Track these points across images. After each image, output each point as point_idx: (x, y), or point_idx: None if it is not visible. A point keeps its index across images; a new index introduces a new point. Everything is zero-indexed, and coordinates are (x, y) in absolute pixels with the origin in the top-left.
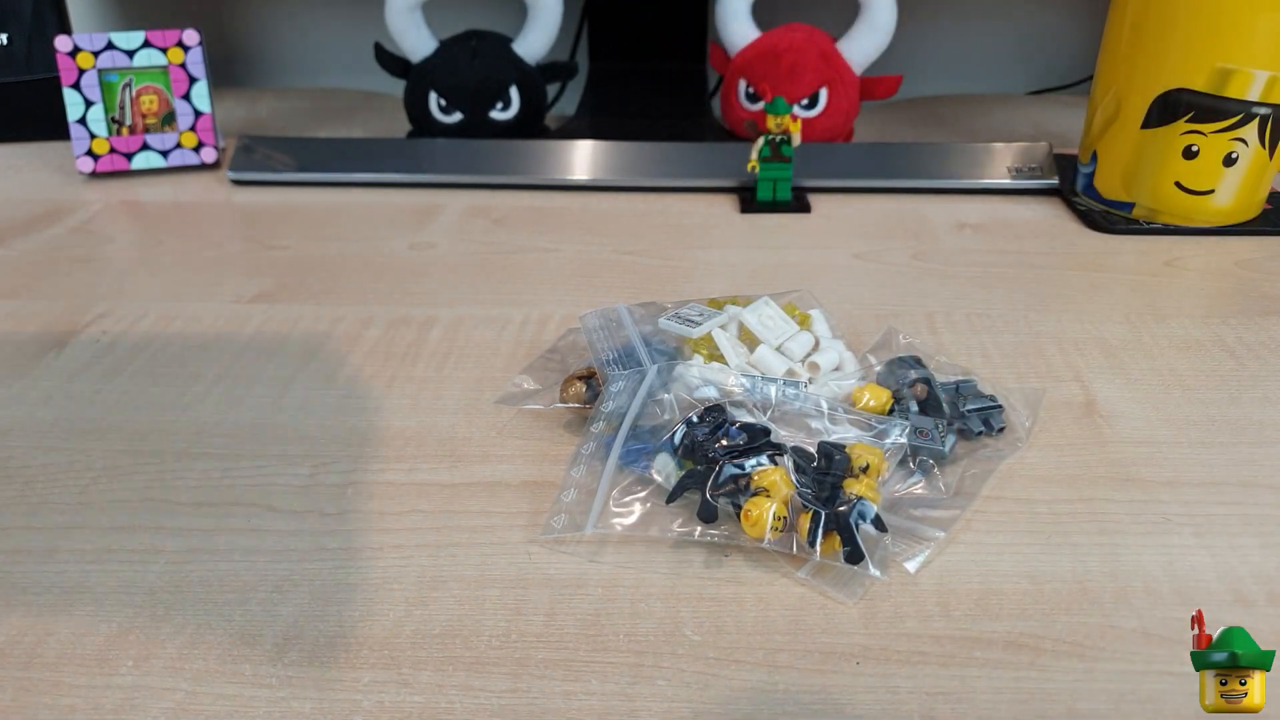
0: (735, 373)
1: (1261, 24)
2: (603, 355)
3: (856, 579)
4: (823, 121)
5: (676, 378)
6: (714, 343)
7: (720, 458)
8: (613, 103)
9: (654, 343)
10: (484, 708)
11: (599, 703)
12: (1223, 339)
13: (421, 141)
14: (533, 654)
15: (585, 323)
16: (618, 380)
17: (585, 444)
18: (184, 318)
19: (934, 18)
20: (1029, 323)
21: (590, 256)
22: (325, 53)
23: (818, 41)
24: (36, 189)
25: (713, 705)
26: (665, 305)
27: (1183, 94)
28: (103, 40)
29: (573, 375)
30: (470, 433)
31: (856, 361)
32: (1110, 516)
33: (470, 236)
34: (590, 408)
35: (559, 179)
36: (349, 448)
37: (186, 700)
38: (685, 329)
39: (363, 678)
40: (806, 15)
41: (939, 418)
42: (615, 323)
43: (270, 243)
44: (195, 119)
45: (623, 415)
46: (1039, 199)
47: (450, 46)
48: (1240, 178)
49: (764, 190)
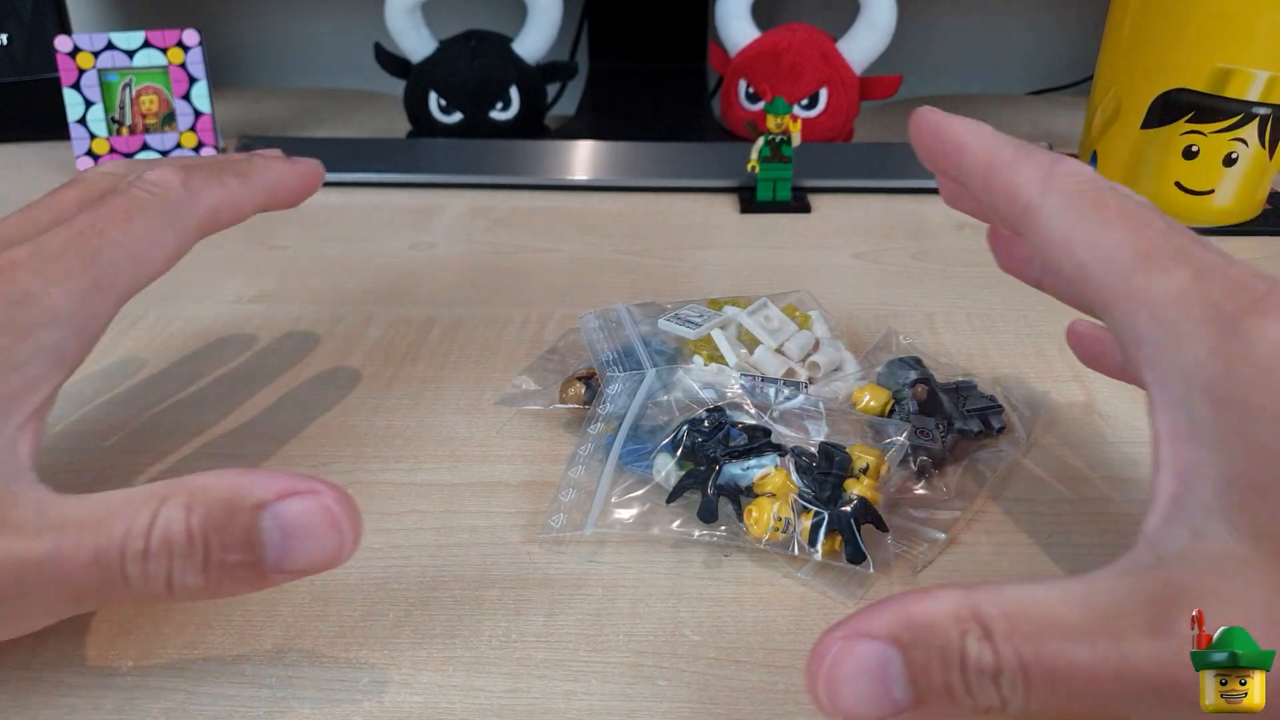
0: (735, 373)
1: (1261, 24)
2: (602, 356)
3: (857, 579)
4: (823, 121)
5: (676, 380)
6: (714, 344)
7: (720, 458)
8: (613, 103)
9: (653, 343)
10: (484, 708)
11: (599, 703)
12: None
13: (421, 141)
14: (533, 654)
15: (584, 323)
16: (616, 381)
17: (583, 444)
18: (184, 318)
19: (934, 18)
20: (1029, 323)
21: (590, 256)
22: (325, 53)
23: (818, 41)
24: (36, 189)
25: (713, 705)
26: (665, 305)
27: (1183, 94)
28: (103, 40)
29: (572, 376)
30: (470, 433)
31: (856, 362)
32: (1110, 516)
33: (470, 236)
34: (589, 408)
35: (559, 179)
36: (349, 448)
37: (186, 700)
38: (685, 330)
39: (363, 678)
40: (806, 15)
41: (939, 418)
42: (615, 323)
43: (270, 243)
44: (195, 119)
45: (621, 416)
46: None
47: (450, 46)
48: (1240, 178)
49: (764, 190)
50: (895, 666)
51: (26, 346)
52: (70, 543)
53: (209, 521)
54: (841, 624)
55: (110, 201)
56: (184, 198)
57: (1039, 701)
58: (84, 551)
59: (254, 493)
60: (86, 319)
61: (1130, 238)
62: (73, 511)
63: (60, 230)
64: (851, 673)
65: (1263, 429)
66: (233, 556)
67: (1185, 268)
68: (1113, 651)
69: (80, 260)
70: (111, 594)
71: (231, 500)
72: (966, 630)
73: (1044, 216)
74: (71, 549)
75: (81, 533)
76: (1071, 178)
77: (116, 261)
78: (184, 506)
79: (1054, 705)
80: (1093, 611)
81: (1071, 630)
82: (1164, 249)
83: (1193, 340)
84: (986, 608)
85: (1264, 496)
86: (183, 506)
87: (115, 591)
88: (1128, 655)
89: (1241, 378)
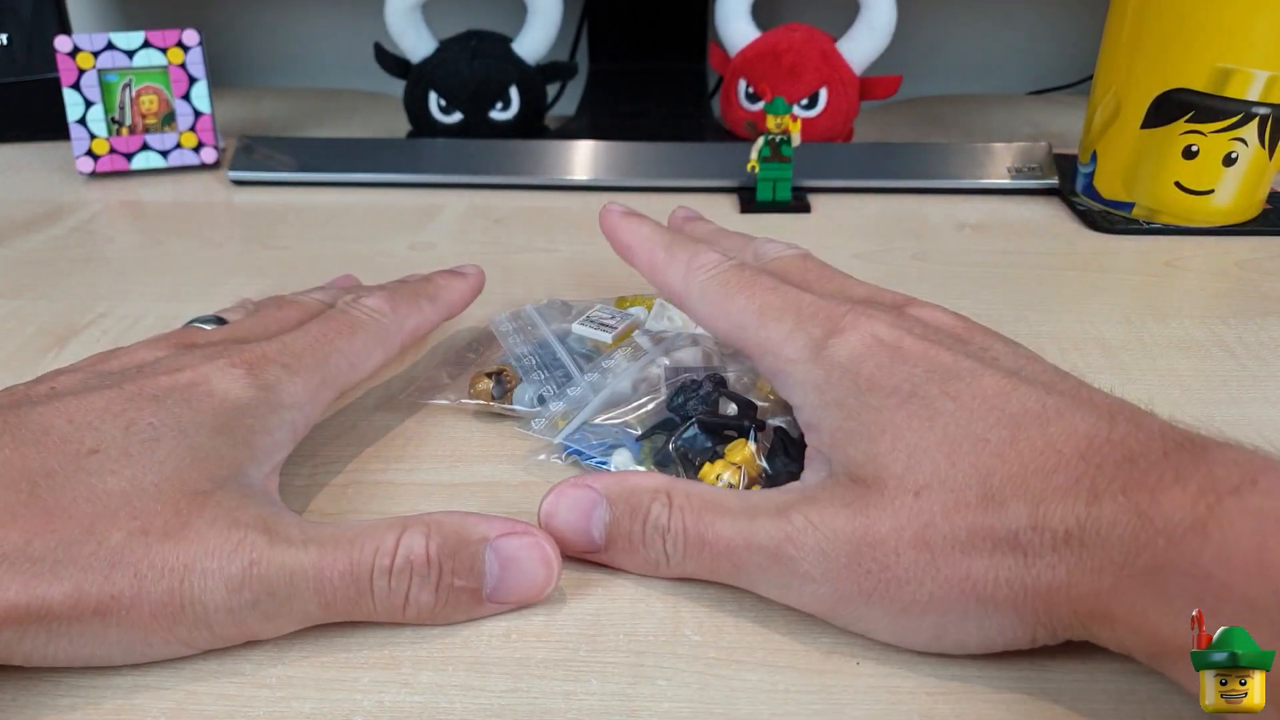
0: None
1: (1261, 24)
2: (525, 361)
3: None
4: (823, 121)
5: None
6: (635, 343)
7: (694, 416)
8: (613, 103)
9: (569, 342)
10: (484, 708)
11: (599, 703)
12: (1223, 339)
13: (421, 141)
14: (533, 654)
15: (497, 325)
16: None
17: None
18: (184, 318)
19: (934, 18)
20: (1029, 323)
21: (590, 256)
22: (325, 53)
23: (818, 41)
24: (36, 189)
25: (713, 705)
26: (572, 306)
27: (1183, 94)
28: (103, 40)
29: (480, 371)
30: (471, 433)
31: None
32: None
33: (470, 236)
34: (498, 404)
35: (559, 179)
36: (349, 448)
37: (186, 700)
38: (600, 334)
39: (363, 678)
40: (806, 15)
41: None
42: (529, 324)
43: (270, 243)
44: (195, 119)
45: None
46: (1039, 199)
47: (450, 46)
48: (1240, 178)
49: (764, 190)
50: (599, 511)
51: (274, 419)
52: (329, 555)
53: (444, 549)
54: (576, 477)
55: (337, 318)
56: (393, 322)
57: (692, 561)
58: (340, 562)
59: (480, 529)
60: (314, 406)
61: (748, 303)
62: (328, 531)
63: (299, 334)
64: (567, 505)
65: (849, 399)
66: (460, 581)
67: (788, 315)
68: (746, 528)
69: (315, 360)
70: (358, 604)
71: (461, 533)
72: (655, 497)
73: (690, 302)
74: (330, 560)
75: (338, 547)
76: (703, 269)
77: (340, 366)
78: (424, 534)
79: (702, 566)
80: (746, 505)
81: (726, 512)
82: (773, 304)
83: (801, 363)
84: (679, 488)
85: (852, 439)
86: (423, 534)
87: (361, 602)
88: (754, 531)
89: (833, 377)
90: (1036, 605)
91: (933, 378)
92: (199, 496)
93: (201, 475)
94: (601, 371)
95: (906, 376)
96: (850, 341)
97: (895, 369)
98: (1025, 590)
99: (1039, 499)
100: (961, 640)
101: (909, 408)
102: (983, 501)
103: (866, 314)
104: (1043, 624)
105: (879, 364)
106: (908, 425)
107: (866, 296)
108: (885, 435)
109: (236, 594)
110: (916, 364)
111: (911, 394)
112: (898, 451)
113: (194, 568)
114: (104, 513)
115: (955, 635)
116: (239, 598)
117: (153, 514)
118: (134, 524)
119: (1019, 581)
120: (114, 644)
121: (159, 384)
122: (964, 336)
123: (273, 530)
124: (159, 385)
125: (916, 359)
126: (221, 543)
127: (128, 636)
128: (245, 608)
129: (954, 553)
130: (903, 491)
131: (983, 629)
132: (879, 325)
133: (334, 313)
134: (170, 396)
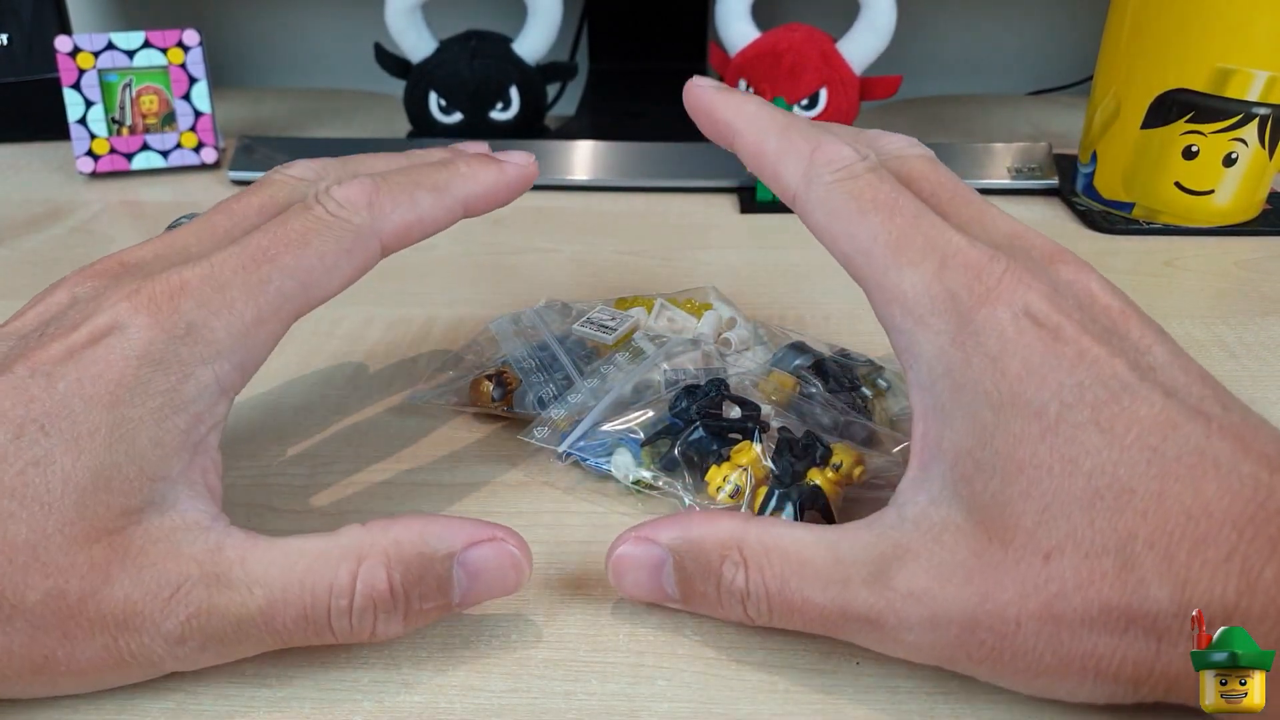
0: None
1: (1261, 24)
2: (525, 363)
3: None
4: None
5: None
6: (635, 345)
7: (697, 419)
8: (613, 103)
9: (569, 344)
10: (484, 708)
11: (599, 703)
12: (1223, 339)
13: (421, 142)
14: (533, 654)
15: (498, 328)
16: (539, 375)
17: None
18: None
19: (934, 18)
20: None
21: (590, 256)
22: (325, 53)
23: (818, 41)
24: (36, 189)
25: (713, 705)
26: (571, 307)
27: (1183, 94)
28: (103, 40)
29: (481, 375)
30: (470, 433)
31: (765, 338)
32: None
33: (470, 236)
34: (498, 406)
35: (559, 179)
36: (349, 448)
37: (186, 700)
38: (601, 336)
39: (363, 678)
40: (806, 15)
41: (845, 393)
42: (530, 327)
43: None
44: (195, 119)
45: (587, 408)
46: (1039, 199)
47: (450, 46)
48: (1240, 178)
49: (764, 190)
50: (667, 569)
51: (191, 383)
52: (278, 599)
53: (408, 576)
54: (639, 526)
55: (289, 222)
56: (367, 222)
57: (780, 622)
58: (292, 609)
59: (445, 542)
60: (246, 352)
61: (882, 230)
62: (275, 565)
63: (233, 251)
64: (633, 565)
65: (986, 413)
66: (429, 604)
67: (930, 259)
68: (839, 595)
69: (246, 287)
70: (318, 641)
71: (424, 553)
72: (726, 556)
73: (808, 209)
74: (280, 606)
75: (287, 590)
76: (829, 167)
77: (285, 289)
78: (383, 565)
79: (793, 626)
80: (835, 559)
81: (812, 574)
82: (913, 239)
83: (937, 332)
84: (751, 540)
85: (980, 472)
86: (382, 565)
87: (321, 639)
88: (849, 600)
89: (974, 366)
90: (1161, 684)
91: (1084, 395)
92: (113, 538)
93: (110, 507)
94: (601, 375)
95: (1056, 390)
96: (1001, 319)
97: (1046, 372)
98: (1153, 672)
99: (1185, 579)
100: (1064, 699)
101: (1052, 440)
102: (1120, 572)
103: (1021, 278)
104: (1158, 694)
105: (1028, 358)
106: (1049, 466)
107: (1012, 236)
108: (1021, 477)
109: (180, 645)
110: (1071, 367)
111: (1059, 419)
112: (1032, 499)
113: (127, 625)
114: (11, 570)
115: (1060, 696)
116: (183, 648)
117: (66, 570)
118: (47, 583)
119: (1148, 664)
120: (70, 688)
121: (52, 352)
122: (1121, 327)
123: (210, 573)
124: (52, 354)
125: (1072, 361)
126: (151, 599)
127: (80, 682)
128: (193, 653)
129: (1081, 629)
130: (1031, 552)
131: (1093, 695)
132: (1034, 296)
133: (290, 213)
134: (63, 369)
